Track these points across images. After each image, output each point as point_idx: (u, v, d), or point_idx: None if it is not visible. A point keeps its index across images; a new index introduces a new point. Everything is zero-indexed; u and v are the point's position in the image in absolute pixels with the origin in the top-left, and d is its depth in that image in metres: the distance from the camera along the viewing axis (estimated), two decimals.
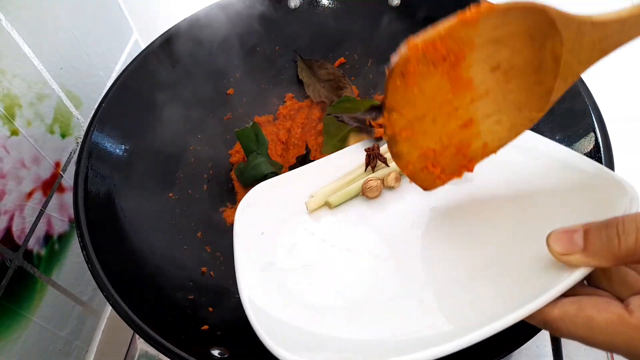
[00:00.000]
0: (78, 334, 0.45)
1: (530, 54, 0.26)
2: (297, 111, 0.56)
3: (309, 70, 0.56)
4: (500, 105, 0.28)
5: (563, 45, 0.25)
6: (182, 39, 0.50)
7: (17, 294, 0.37)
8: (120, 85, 0.45)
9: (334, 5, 0.55)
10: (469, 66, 0.26)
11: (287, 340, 0.26)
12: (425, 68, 0.25)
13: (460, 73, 0.26)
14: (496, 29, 0.25)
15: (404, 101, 0.26)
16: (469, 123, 0.28)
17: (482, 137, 0.29)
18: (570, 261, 0.22)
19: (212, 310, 0.38)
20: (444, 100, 0.27)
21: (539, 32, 0.25)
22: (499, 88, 0.27)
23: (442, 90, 0.27)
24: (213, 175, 0.52)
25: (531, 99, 0.27)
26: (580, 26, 0.24)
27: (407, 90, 0.26)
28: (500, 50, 0.26)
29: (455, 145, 0.29)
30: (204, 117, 0.53)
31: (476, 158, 0.30)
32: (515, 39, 0.25)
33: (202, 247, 0.45)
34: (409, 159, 0.29)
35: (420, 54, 0.24)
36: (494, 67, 0.26)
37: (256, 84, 0.56)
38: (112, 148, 0.43)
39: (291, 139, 0.54)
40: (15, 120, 0.38)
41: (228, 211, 0.49)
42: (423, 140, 0.29)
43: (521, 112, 0.28)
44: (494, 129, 0.29)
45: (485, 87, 0.27)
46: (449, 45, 0.25)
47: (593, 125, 0.38)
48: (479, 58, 0.26)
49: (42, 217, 0.41)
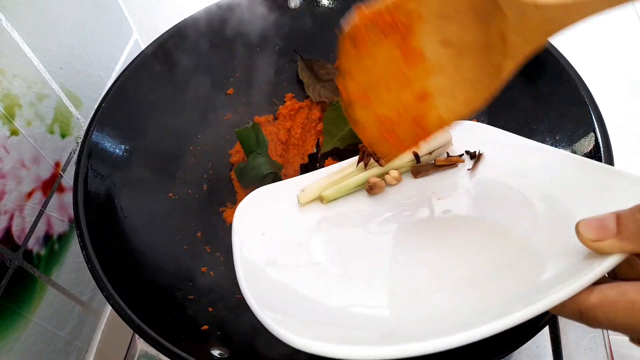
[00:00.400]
0: (78, 334, 0.45)
1: (478, 31, 0.27)
2: (297, 111, 0.56)
3: (309, 70, 0.56)
4: (454, 80, 0.29)
5: (508, 24, 0.26)
6: (182, 39, 0.50)
7: (17, 294, 0.37)
8: (120, 85, 0.45)
9: (334, 5, 0.55)
10: (419, 38, 0.28)
11: (300, 331, 0.25)
12: (375, 36, 0.27)
13: (410, 44, 0.28)
14: (443, 3, 0.26)
15: (358, 67, 0.28)
16: (424, 96, 0.30)
17: (437, 110, 0.30)
18: (604, 247, 0.21)
19: (212, 310, 0.38)
20: (397, 70, 0.29)
21: (485, 10, 0.26)
22: (451, 64, 0.29)
23: (394, 59, 0.28)
24: (213, 175, 0.52)
25: (483, 76, 0.28)
26: (524, 7, 0.25)
27: (360, 56, 0.28)
28: (449, 25, 0.27)
29: (411, 116, 0.31)
30: (204, 117, 0.53)
31: (432, 129, 0.31)
32: (462, 15, 0.27)
33: (202, 247, 0.45)
34: (366, 124, 0.31)
35: (369, 22, 0.27)
36: (444, 41, 0.28)
37: (256, 84, 0.56)
38: (112, 148, 0.43)
39: (291, 139, 0.54)
40: (15, 120, 0.38)
41: (228, 211, 0.49)
42: (379, 108, 0.30)
43: (474, 88, 0.29)
44: (448, 103, 0.30)
45: (438, 61, 0.28)
46: (397, 16, 0.27)
47: (593, 125, 0.38)
48: (428, 31, 0.27)
49: (42, 217, 0.41)
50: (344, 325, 0.26)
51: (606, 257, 0.21)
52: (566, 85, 0.40)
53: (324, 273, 0.32)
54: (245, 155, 0.51)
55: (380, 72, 0.29)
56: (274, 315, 0.25)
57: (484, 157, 0.38)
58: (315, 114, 0.55)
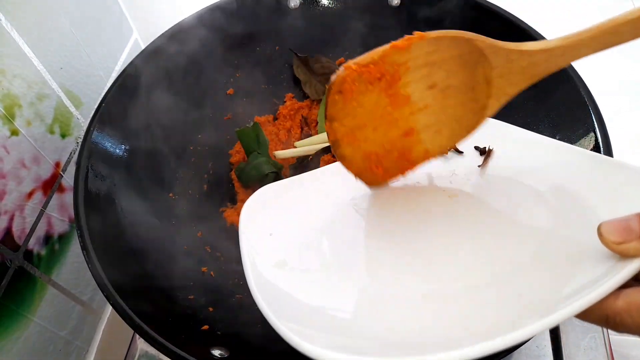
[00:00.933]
0: (78, 334, 0.45)
1: (464, 76, 0.28)
2: (297, 111, 0.56)
3: (304, 67, 0.56)
4: (440, 117, 0.30)
5: (492, 70, 0.27)
6: (182, 39, 0.50)
7: (17, 293, 0.37)
8: (120, 85, 0.45)
9: (334, 5, 0.55)
10: (406, 85, 0.29)
11: (315, 339, 0.23)
12: (361, 86, 0.28)
13: (397, 91, 0.29)
14: (429, 54, 0.28)
15: (344, 113, 0.29)
16: (410, 132, 0.31)
17: (423, 143, 0.32)
18: (629, 250, 0.20)
19: (212, 310, 0.38)
20: (384, 112, 0.30)
21: (470, 58, 0.27)
22: (437, 103, 0.30)
23: (380, 104, 0.29)
24: (213, 175, 0.52)
25: (468, 113, 0.30)
26: (509, 54, 0.26)
27: (346, 104, 0.29)
28: (436, 72, 0.28)
29: (397, 150, 0.32)
30: (204, 117, 0.53)
31: (418, 161, 0.33)
32: (448, 63, 0.28)
33: (202, 247, 0.45)
34: (352, 160, 0.32)
35: (356, 75, 0.28)
36: (431, 86, 0.29)
37: (256, 84, 0.56)
38: (112, 148, 0.43)
39: (291, 139, 0.54)
40: (15, 120, 0.38)
41: (228, 211, 0.49)
42: (365, 145, 0.31)
43: (459, 124, 0.31)
44: (434, 137, 0.31)
45: (424, 102, 0.30)
46: (383, 68, 0.28)
47: (593, 125, 0.38)
48: (415, 78, 0.29)
49: (42, 217, 0.41)
50: (364, 335, 0.25)
51: (631, 260, 0.21)
52: (566, 85, 0.40)
53: (335, 278, 0.30)
54: (245, 155, 0.51)
55: (366, 115, 0.30)
56: (290, 324, 0.24)
57: (494, 153, 0.36)
58: (315, 114, 0.55)
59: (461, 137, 0.31)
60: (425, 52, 0.27)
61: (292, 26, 0.55)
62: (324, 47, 0.56)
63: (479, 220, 0.32)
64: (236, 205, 0.50)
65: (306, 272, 0.30)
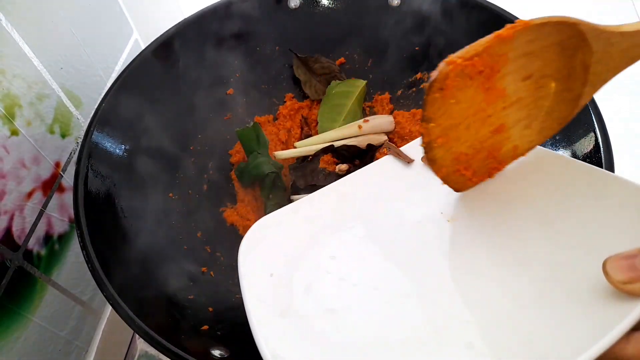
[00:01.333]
0: (78, 334, 0.45)
1: (560, 64, 0.27)
2: (297, 111, 0.56)
3: (304, 67, 0.56)
4: (531, 110, 0.29)
5: (592, 56, 0.26)
6: (182, 39, 0.50)
7: (17, 294, 0.37)
8: (120, 85, 0.45)
9: (334, 5, 0.55)
10: (503, 77, 0.27)
11: None
12: (462, 82, 0.26)
13: (494, 84, 0.27)
14: (530, 43, 0.26)
15: (441, 112, 0.27)
16: (501, 128, 0.29)
17: (512, 140, 0.30)
18: (635, 290, 0.19)
19: (212, 310, 0.38)
20: (478, 108, 0.28)
21: (570, 44, 0.26)
22: (530, 95, 0.28)
23: (476, 100, 0.27)
24: (213, 175, 0.52)
25: (560, 104, 0.28)
26: (609, 37, 0.25)
27: (444, 102, 0.27)
28: (533, 62, 0.27)
29: (486, 149, 0.30)
30: (204, 117, 0.53)
31: (506, 160, 0.31)
32: (547, 51, 0.26)
33: (202, 247, 0.45)
34: (443, 163, 0.30)
35: (459, 69, 0.26)
36: (526, 77, 0.27)
37: (256, 84, 0.56)
38: (112, 148, 0.43)
39: (291, 139, 0.54)
40: (15, 120, 0.38)
41: (228, 211, 0.49)
42: (457, 145, 0.29)
43: (551, 117, 0.29)
44: (524, 132, 0.30)
45: (517, 95, 0.28)
46: (486, 60, 0.26)
47: (593, 126, 0.38)
48: (512, 70, 0.27)
49: (42, 217, 0.41)
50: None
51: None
52: None
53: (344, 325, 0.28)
54: (245, 155, 0.51)
55: (461, 113, 0.28)
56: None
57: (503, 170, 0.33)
58: (315, 114, 0.55)
59: (552, 131, 0.30)
60: (526, 41, 0.26)
61: (292, 26, 0.56)
62: (324, 47, 0.56)
63: (480, 250, 0.29)
64: (236, 205, 0.50)
65: (313, 319, 0.28)
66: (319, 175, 0.49)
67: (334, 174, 0.49)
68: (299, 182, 0.48)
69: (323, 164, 0.50)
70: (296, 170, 0.49)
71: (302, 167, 0.50)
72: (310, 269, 0.31)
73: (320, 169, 0.49)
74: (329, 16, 0.56)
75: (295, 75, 0.56)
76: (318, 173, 0.49)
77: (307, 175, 0.49)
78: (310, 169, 0.49)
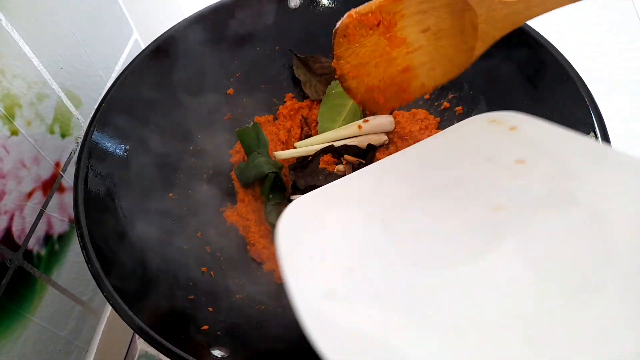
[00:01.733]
0: (78, 334, 0.45)
1: (453, 21, 0.34)
2: (297, 111, 0.56)
3: (304, 67, 0.56)
4: (433, 56, 0.36)
5: (478, 17, 0.32)
6: (182, 39, 0.50)
7: (17, 294, 0.37)
8: (120, 85, 0.45)
9: (334, 6, 0.55)
10: (402, 29, 0.35)
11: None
12: (362, 31, 0.34)
13: (394, 34, 0.35)
14: (420, 3, 0.33)
15: (348, 52, 0.36)
16: (407, 68, 0.37)
17: (420, 79, 0.38)
18: None
19: (212, 310, 0.38)
20: (383, 52, 0.36)
21: (458, 7, 0.32)
22: (431, 44, 0.35)
23: (380, 45, 0.35)
24: (213, 175, 0.52)
25: (458, 53, 0.35)
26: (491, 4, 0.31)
27: (350, 45, 0.35)
28: (428, 18, 0.34)
29: (397, 84, 0.38)
30: (204, 117, 0.53)
31: (415, 94, 0.39)
32: (438, 11, 0.33)
33: (202, 247, 0.45)
34: (357, 92, 0.39)
35: (357, 22, 0.34)
36: (424, 30, 0.35)
37: (256, 84, 0.56)
38: (112, 148, 0.43)
39: (291, 139, 0.54)
40: (15, 120, 0.38)
41: (228, 211, 0.49)
42: (368, 79, 0.38)
43: (452, 63, 0.36)
44: (429, 73, 0.37)
45: (419, 43, 0.36)
46: (380, 16, 0.34)
47: (593, 126, 0.38)
48: (409, 24, 0.34)
49: (42, 217, 0.41)
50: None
51: None
52: (566, 85, 0.40)
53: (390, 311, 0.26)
54: (245, 155, 0.51)
55: (368, 54, 0.36)
56: None
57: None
58: (315, 114, 0.55)
59: (453, 74, 0.37)
60: (416, 1, 0.33)
61: (292, 26, 0.55)
62: (324, 47, 0.56)
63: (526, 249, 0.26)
64: (236, 205, 0.50)
65: (358, 303, 0.26)
66: (319, 175, 0.49)
67: (334, 174, 0.49)
68: (299, 182, 0.48)
69: (323, 164, 0.50)
70: (296, 171, 0.49)
71: (302, 167, 0.50)
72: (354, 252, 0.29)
73: (320, 169, 0.49)
74: (329, 16, 0.56)
75: (295, 75, 0.56)
76: (318, 173, 0.49)
77: (307, 176, 0.49)
78: (311, 169, 0.49)
